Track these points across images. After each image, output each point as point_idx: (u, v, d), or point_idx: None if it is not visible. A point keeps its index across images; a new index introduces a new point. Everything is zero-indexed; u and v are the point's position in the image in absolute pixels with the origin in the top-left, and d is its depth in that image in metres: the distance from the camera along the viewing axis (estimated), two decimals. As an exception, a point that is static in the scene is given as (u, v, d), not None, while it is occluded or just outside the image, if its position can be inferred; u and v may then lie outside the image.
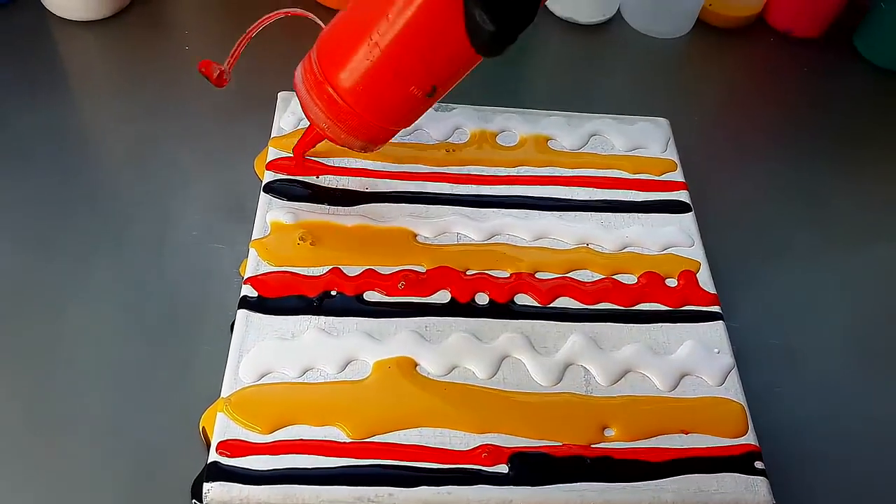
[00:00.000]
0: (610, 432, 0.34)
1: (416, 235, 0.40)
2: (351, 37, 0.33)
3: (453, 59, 0.33)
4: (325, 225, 0.39)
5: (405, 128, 0.37)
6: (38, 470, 0.34)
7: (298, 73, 0.36)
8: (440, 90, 0.34)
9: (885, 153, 0.57)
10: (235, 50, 0.39)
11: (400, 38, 0.32)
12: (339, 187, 0.41)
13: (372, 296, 0.37)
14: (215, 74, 0.39)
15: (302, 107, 0.36)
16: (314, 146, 0.41)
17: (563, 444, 0.33)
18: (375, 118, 0.35)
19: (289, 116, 0.44)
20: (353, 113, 0.34)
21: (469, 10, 0.30)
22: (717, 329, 0.38)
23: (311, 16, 0.39)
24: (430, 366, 0.35)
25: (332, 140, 0.37)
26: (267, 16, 0.39)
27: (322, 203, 0.40)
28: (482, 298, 0.38)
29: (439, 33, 0.31)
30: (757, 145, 0.56)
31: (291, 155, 0.41)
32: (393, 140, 0.44)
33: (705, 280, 0.40)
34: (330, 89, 0.34)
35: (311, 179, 0.41)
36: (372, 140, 0.37)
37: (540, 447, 0.33)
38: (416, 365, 0.35)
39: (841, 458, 0.40)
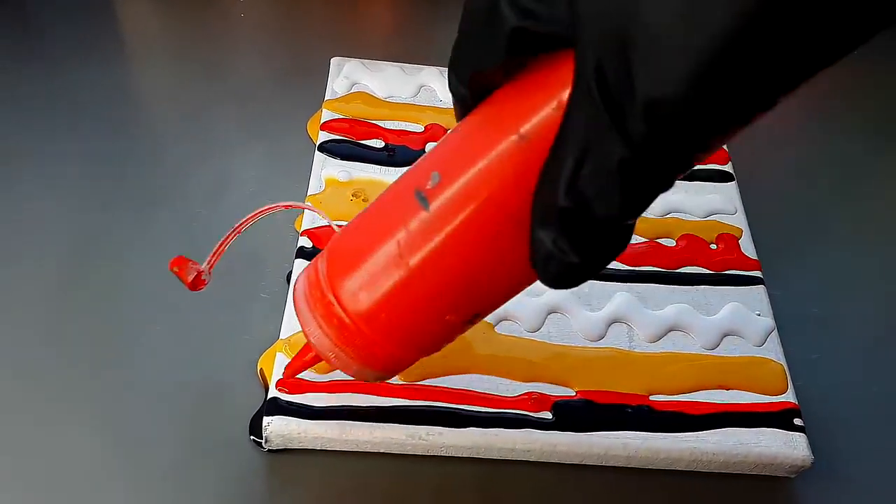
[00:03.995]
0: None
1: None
2: (371, 246, 0.25)
3: (508, 286, 0.25)
4: (377, 182, 0.40)
5: (433, 353, 0.28)
6: (101, 401, 0.36)
7: (301, 284, 0.28)
8: (483, 316, 0.27)
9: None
10: (218, 248, 0.32)
11: (435, 260, 0.24)
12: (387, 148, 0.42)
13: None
14: (191, 277, 0.31)
15: (301, 325, 0.27)
16: (309, 368, 0.32)
17: (606, 393, 0.34)
18: (397, 348, 0.27)
19: (342, 80, 0.45)
20: (369, 340, 0.26)
21: (536, 235, 0.22)
22: (758, 293, 0.39)
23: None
24: (479, 317, 0.36)
25: (341, 370, 0.29)
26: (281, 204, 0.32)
27: (374, 164, 0.41)
28: (529, 257, 0.39)
29: (491, 259, 0.24)
30: (797, 121, 0.56)
31: (342, 117, 0.43)
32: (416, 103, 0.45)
33: (747, 246, 0.41)
34: (339, 311, 0.26)
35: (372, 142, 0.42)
36: (389, 371, 0.29)
37: (582, 396, 0.34)
38: (465, 315, 0.36)
39: (876, 423, 0.40)
